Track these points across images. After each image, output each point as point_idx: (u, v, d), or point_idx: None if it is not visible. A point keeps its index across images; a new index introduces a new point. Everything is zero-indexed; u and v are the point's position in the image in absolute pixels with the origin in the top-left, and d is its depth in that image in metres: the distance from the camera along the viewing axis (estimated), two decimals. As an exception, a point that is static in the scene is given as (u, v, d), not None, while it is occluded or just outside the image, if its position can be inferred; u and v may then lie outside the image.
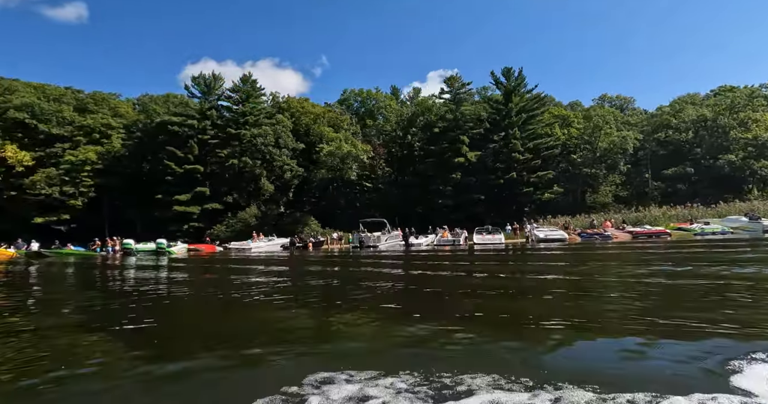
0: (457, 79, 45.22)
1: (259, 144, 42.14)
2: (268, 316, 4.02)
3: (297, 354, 2.48)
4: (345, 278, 7.69)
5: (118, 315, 4.16)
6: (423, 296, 5.30)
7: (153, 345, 2.91)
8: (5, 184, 39.53)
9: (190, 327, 3.77)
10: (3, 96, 40.97)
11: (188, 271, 11.63)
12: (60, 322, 3.96)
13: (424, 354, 2.39)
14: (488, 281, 6.63)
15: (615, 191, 42.19)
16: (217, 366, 2.27)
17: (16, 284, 9.14)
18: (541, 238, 22.94)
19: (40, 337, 3.31)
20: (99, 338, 3.17)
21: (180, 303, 5.26)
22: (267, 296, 5.31)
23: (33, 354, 2.74)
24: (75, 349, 2.86)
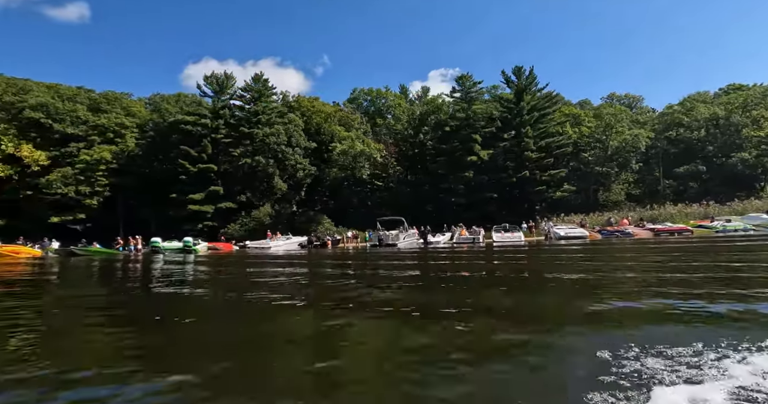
0: (469, 78, 45.32)
1: (272, 143, 42.34)
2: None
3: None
4: (400, 279, 7.84)
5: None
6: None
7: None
8: (21, 183, 39.85)
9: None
10: (18, 96, 41.25)
11: (235, 268, 11.82)
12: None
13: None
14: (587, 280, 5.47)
15: (627, 189, 42.29)
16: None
17: (90, 280, 9.33)
18: (561, 235, 23.10)
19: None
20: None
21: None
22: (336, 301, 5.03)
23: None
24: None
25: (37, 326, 3.60)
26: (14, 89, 42.09)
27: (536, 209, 42.15)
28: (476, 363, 2.01)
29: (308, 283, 6.41)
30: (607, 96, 62.49)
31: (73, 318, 3.96)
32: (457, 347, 2.28)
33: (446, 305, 3.73)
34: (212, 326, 3.33)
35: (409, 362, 2.08)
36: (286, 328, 3.12)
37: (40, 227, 39.50)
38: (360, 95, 56.56)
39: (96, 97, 45.79)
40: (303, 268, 10.39)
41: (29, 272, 11.65)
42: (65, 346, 2.79)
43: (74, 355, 2.54)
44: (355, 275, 8.08)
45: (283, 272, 9.07)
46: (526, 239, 26.19)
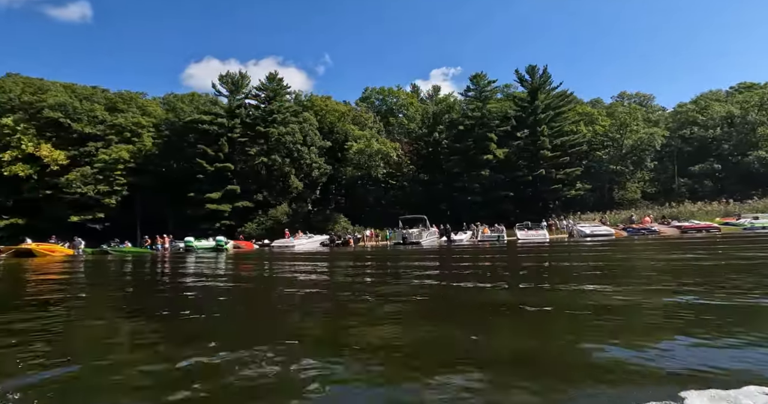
0: (483, 77, 45.46)
1: (288, 142, 42.58)
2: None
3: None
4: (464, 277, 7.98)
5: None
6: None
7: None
8: (41, 183, 40.19)
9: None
10: (36, 95, 41.57)
11: (285, 265, 12.02)
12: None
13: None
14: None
15: (642, 187, 42.42)
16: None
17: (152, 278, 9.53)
18: (587, 233, 23.26)
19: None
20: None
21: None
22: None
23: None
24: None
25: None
26: (32, 89, 42.43)
27: (550, 207, 42.36)
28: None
29: (393, 282, 6.57)
30: (618, 95, 62.55)
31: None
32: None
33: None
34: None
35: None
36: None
37: (59, 226, 39.82)
38: (372, 94, 56.72)
39: (112, 97, 46.10)
40: (363, 265, 10.58)
41: (100, 271, 11.89)
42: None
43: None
44: (440, 271, 8.23)
45: (345, 270, 9.25)
46: (550, 237, 26.35)
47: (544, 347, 2.21)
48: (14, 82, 43.15)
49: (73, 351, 2.43)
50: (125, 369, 1.98)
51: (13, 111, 40.80)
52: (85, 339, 2.86)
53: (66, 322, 3.57)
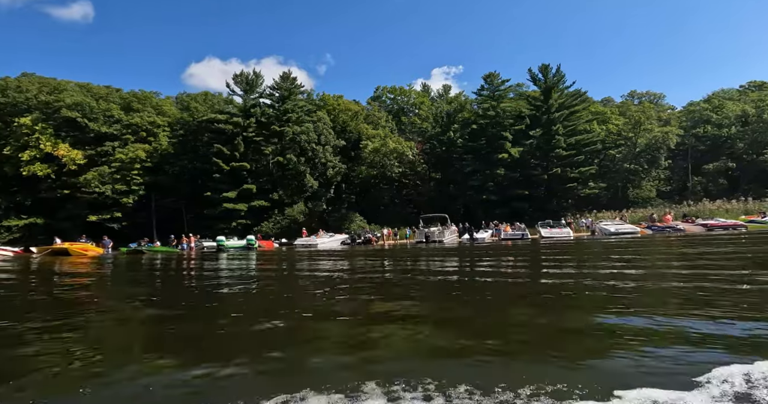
0: (496, 76, 45.52)
1: (302, 141, 42.73)
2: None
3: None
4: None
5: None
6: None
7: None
8: (58, 182, 40.40)
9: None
10: (53, 95, 41.76)
11: (331, 262, 12.18)
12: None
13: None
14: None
15: (657, 186, 42.51)
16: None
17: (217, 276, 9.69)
18: (612, 231, 23.38)
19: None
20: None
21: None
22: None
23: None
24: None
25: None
26: (48, 89, 42.61)
27: (563, 205, 42.51)
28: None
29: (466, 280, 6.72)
30: (628, 94, 62.57)
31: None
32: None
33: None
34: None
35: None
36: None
37: (77, 225, 40.11)
38: (383, 93, 56.83)
39: (126, 97, 46.25)
40: (404, 263, 10.74)
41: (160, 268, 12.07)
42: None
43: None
44: (530, 264, 8.40)
45: (395, 268, 9.42)
46: (574, 235, 26.46)
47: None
48: (30, 82, 43.34)
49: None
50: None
51: (30, 111, 41.01)
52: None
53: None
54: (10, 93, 40.98)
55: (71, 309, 4.81)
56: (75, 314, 4.33)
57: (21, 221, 39.66)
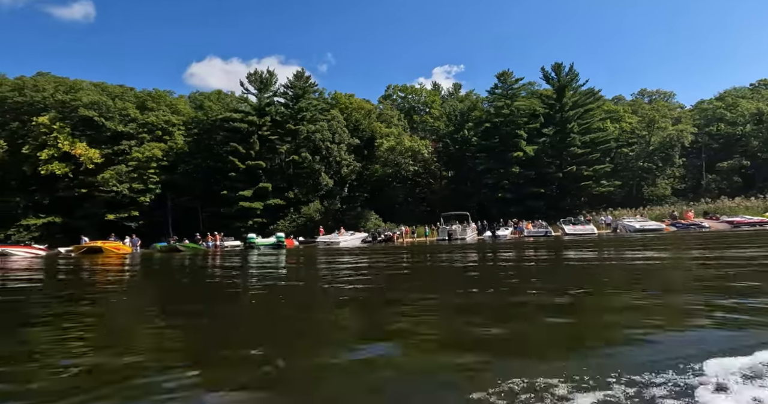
0: (510, 74, 45.63)
1: (317, 139, 42.89)
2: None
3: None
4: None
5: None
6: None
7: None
8: (76, 181, 40.64)
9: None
10: (70, 94, 41.98)
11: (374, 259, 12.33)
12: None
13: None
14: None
15: (672, 184, 42.62)
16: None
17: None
18: (636, 228, 23.52)
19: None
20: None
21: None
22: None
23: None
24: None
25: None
26: (64, 88, 42.84)
27: (576, 203, 42.65)
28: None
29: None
30: (638, 92, 62.54)
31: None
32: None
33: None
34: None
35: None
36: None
37: (94, 224, 40.38)
38: (394, 92, 56.97)
39: (141, 95, 46.48)
40: (461, 259, 10.89)
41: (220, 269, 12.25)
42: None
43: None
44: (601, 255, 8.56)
45: (458, 264, 9.58)
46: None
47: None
48: (46, 81, 43.57)
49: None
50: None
51: (46, 110, 41.25)
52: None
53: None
54: (27, 92, 41.22)
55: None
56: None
57: (39, 220, 39.93)
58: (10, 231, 39.04)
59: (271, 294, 5.11)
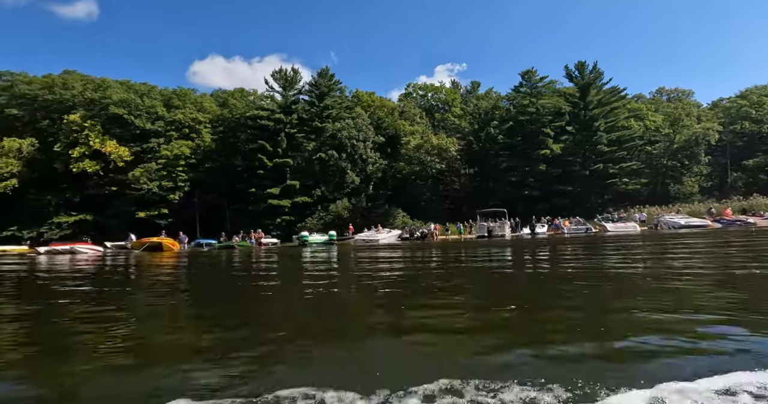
0: (534, 73, 45.81)
1: (343, 137, 43.10)
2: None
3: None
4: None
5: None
6: None
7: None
8: (106, 179, 40.96)
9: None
10: (98, 92, 42.26)
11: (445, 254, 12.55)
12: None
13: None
14: None
15: (699, 181, 42.77)
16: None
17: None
18: (681, 224, 23.71)
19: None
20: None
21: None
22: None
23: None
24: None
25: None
26: (93, 86, 43.11)
27: (598, 202, 42.82)
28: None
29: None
30: (656, 90, 62.56)
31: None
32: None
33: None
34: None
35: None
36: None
37: (124, 222, 40.72)
38: (414, 90, 57.14)
39: (167, 94, 46.73)
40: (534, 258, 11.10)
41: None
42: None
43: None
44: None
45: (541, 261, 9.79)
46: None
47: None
48: (74, 79, 43.85)
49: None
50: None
51: (75, 108, 41.54)
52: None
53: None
54: (57, 90, 41.49)
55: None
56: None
57: (71, 217, 40.29)
58: (43, 229, 39.45)
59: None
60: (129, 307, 4.49)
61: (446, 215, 42.65)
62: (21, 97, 41.74)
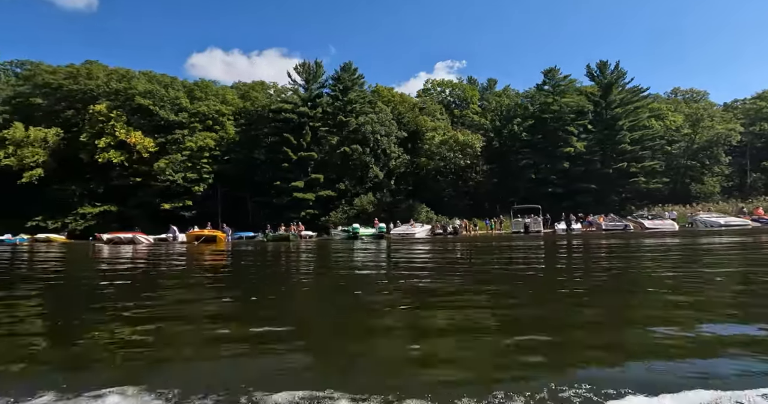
0: (557, 71, 46.05)
1: (367, 132, 43.16)
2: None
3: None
4: None
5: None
6: None
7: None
8: (130, 170, 40.85)
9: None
10: (122, 83, 42.04)
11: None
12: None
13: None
14: None
15: (720, 181, 43.27)
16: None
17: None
18: (721, 224, 24.05)
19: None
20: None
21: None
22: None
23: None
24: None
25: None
26: (117, 76, 42.87)
27: (616, 200, 43.26)
28: None
29: None
30: (671, 91, 62.89)
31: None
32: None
33: None
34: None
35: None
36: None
37: (147, 213, 40.68)
38: (432, 86, 57.18)
39: (189, 85, 46.55)
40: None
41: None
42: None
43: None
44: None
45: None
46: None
47: None
48: (97, 70, 43.59)
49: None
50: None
51: (98, 98, 41.34)
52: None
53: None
54: (81, 80, 41.22)
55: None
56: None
57: (95, 208, 40.22)
58: (68, 219, 39.37)
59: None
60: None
61: (467, 211, 42.89)
62: (44, 87, 41.43)
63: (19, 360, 1.94)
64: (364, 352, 2.04)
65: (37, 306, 3.70)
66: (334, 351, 2.05)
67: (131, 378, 1.59)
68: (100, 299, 3.89)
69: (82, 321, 2.92)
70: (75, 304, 3.81)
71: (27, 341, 2.37)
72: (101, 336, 2.38)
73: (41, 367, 1.89)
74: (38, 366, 1.90)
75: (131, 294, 4.23)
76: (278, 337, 2.29)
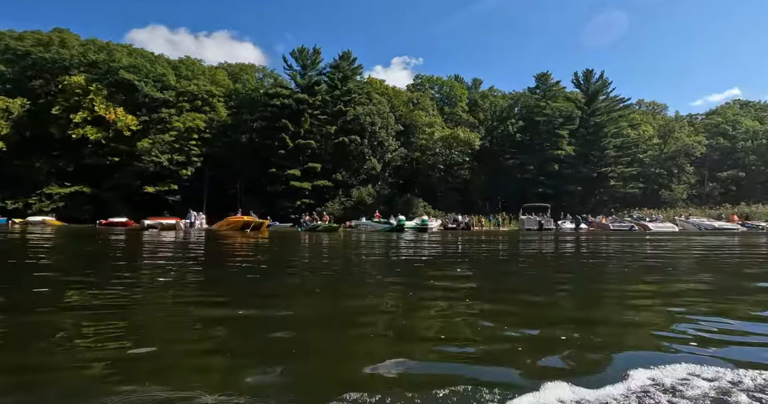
0: (548, 76, 48.04)
1: (366, 123, 42.51)
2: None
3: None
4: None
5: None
6: None
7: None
8: (107, 149, 37.17)
9: None
10: (101, 54, 38.11)
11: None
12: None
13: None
14: None
15: (686, 189, 47.41)
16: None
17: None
18: (715, 227, 26.45)
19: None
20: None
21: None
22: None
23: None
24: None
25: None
26: (94, 48, 38.76)
27: (594, 202, 46.26)
28: None
29: None
30: (636, 102, 67.84)
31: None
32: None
33: None
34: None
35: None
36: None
37: (123, 196, 37.43)
38: (423, 82, 57.40)
39: (174, 62, 43.17)
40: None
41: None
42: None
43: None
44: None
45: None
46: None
47: None
48: (70, 38, 39.07)
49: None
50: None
51: (70, 69, 37.14)
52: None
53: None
54: (54, 49, 36.76)
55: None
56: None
57: (64, 188, 36.19)
58: (31, 200, 35.15)
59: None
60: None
61: (457, 207, 43.69)
62: (8, 52, 36.48)
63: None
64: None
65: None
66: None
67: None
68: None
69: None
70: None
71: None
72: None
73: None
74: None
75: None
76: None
